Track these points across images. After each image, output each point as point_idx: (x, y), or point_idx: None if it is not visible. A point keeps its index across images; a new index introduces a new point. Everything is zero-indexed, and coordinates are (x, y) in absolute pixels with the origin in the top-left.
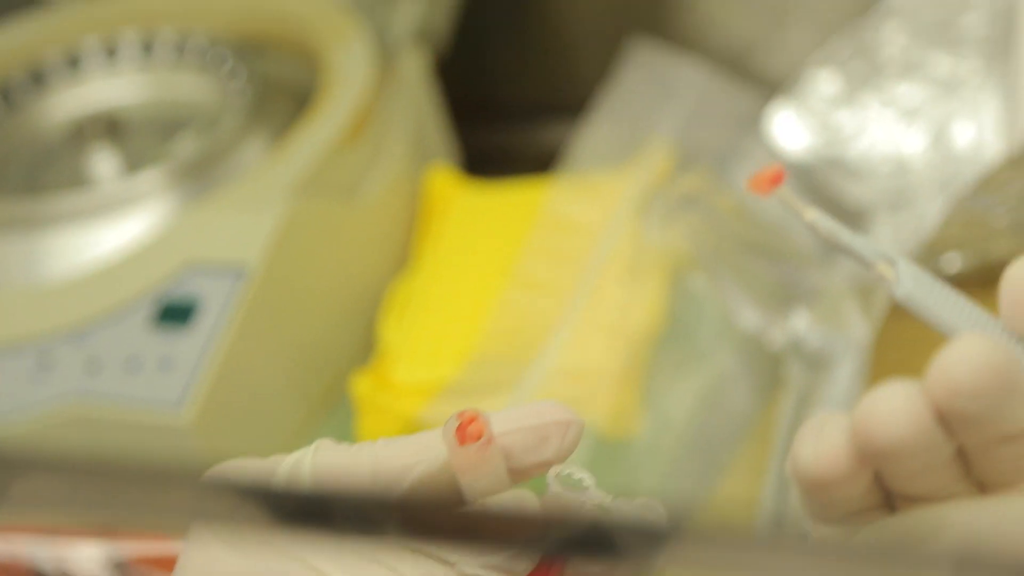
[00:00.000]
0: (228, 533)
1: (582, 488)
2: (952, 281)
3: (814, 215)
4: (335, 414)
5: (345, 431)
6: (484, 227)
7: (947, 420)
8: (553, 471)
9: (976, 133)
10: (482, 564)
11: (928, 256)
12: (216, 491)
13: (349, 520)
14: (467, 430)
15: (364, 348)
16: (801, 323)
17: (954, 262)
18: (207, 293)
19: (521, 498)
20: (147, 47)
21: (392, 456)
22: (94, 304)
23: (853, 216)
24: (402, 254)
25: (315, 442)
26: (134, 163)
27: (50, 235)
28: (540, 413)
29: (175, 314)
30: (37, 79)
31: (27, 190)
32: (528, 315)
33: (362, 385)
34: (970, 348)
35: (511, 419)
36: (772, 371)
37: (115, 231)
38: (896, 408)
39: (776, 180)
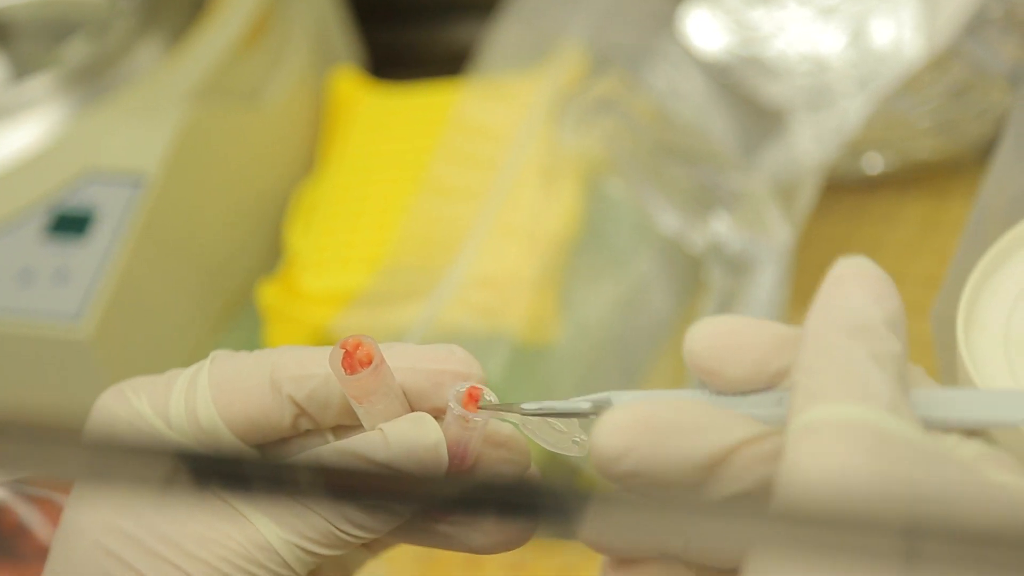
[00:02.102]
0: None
1: (484, 402)
2: (874, 181)
3: (522, 406)
4: (242, 324)
5: (253, 341)
6: (392, 131)
7: None
8: (453, 390)
9: (895, 31)
10: None
11: (850, 156)
12: (133, 453)
13: (269, 483)
14: (355, 356)
15: (271, 256)
16: (722, 226)
17: (876, 162)
18: (104, 202)
19: (420, 421)
20: None
21: (289, 366)
22: None
23: (772, 116)
24: (308, 159)
25: (211, 353)
26: (22, 68)
27: None
28: (440, 358)
29: (70, 224)
30: None
31: None
32: (441, 222)
33: (269, 294)
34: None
35: (408, 355)
36: (692, 275)
37: (4, 139)
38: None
39: (474, 397)
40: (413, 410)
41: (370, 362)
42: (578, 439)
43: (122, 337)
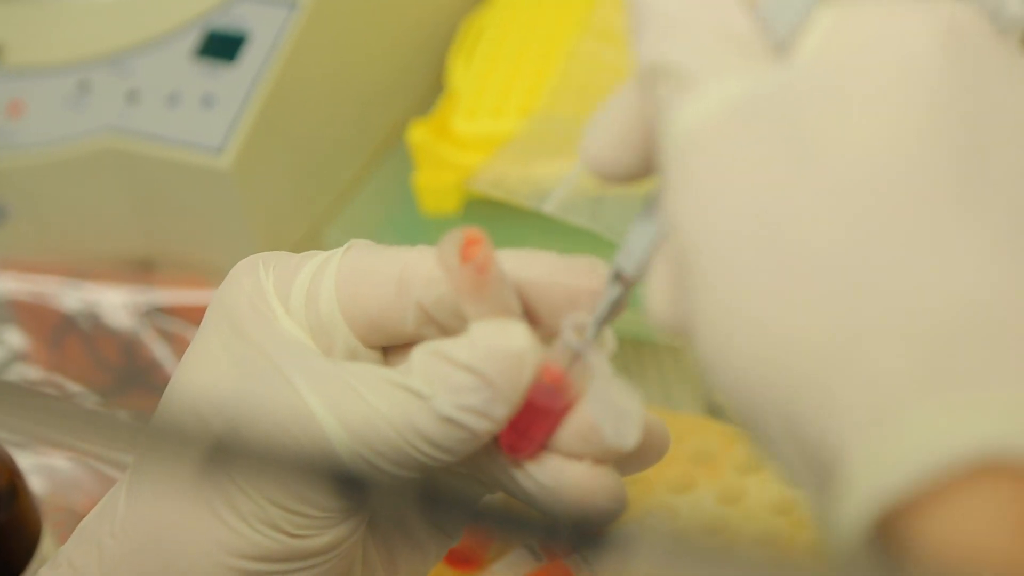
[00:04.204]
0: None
1: (598, 346)
2: None
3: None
4: (390, 165)
5: (402, 183)
6: None
7: None
8: (572, 318)
9: None
10: (456, 405)
11: None
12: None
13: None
14: (466, 251)
15: (432, 94)
16: None
17: None
18: (256, 24)
19: (507, 325)
20: None
21: (421, 268)
22: (136, 30)
23: None
24: None
25: (348, 242)
26: None
27: None
28: (578, 272)
29: (221, 46)
30: None
31: None
32: (603, 69)
33: (419, 134)
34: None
35: (543, 265)
36: None
37: None
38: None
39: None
40: (540, 324)
41: (471, 260)
42: (622, 432)
43: (266, 171)
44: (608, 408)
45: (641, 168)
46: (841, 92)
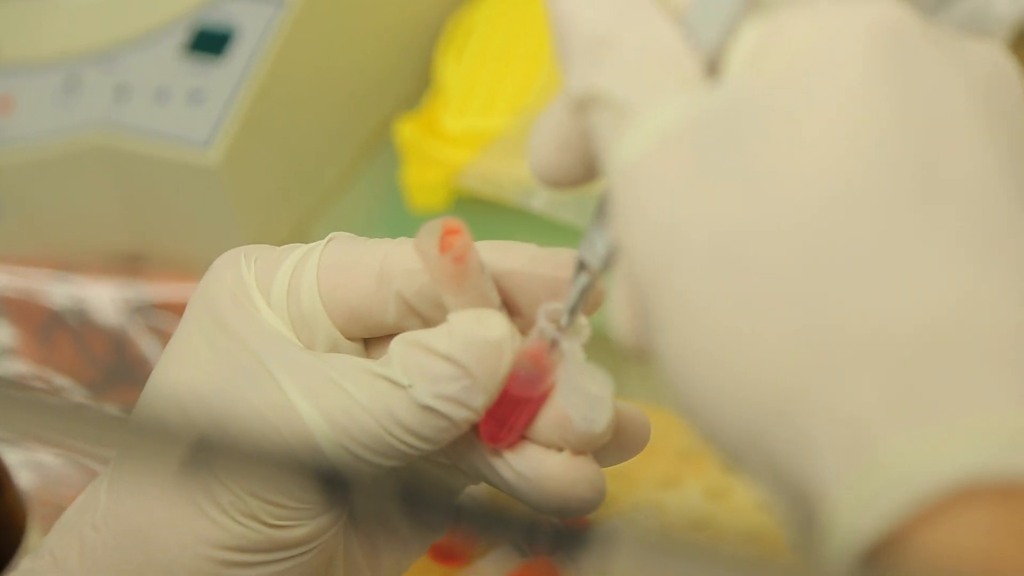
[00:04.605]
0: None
1: (573, 334)
2: None
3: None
4: (379, 161)
5: (391, 180)
6: None
7: None
8: (548, 307)
9: None
10: (435, 394)
11: None
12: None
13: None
14: (445, 241)
15: (420, 89)
16: None
17: None
18: (245, 21)
19: (485, 315)
20: None
21: (402, 259)
22: (125, 25)
23: None
24: None
25: (329, 235)
26: None
27: None
28: (557, 262)
29: (209, 42)
30: None
31: None
32: None
33: (407, 131)
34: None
35: (524, 256)
36: None
37: None
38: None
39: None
40: (522, 315)
41: (449, 249)
42: (590, 417)
43: (254, 167)
44: (577, 394)
45: (587, 173)
46: (775, 110)
